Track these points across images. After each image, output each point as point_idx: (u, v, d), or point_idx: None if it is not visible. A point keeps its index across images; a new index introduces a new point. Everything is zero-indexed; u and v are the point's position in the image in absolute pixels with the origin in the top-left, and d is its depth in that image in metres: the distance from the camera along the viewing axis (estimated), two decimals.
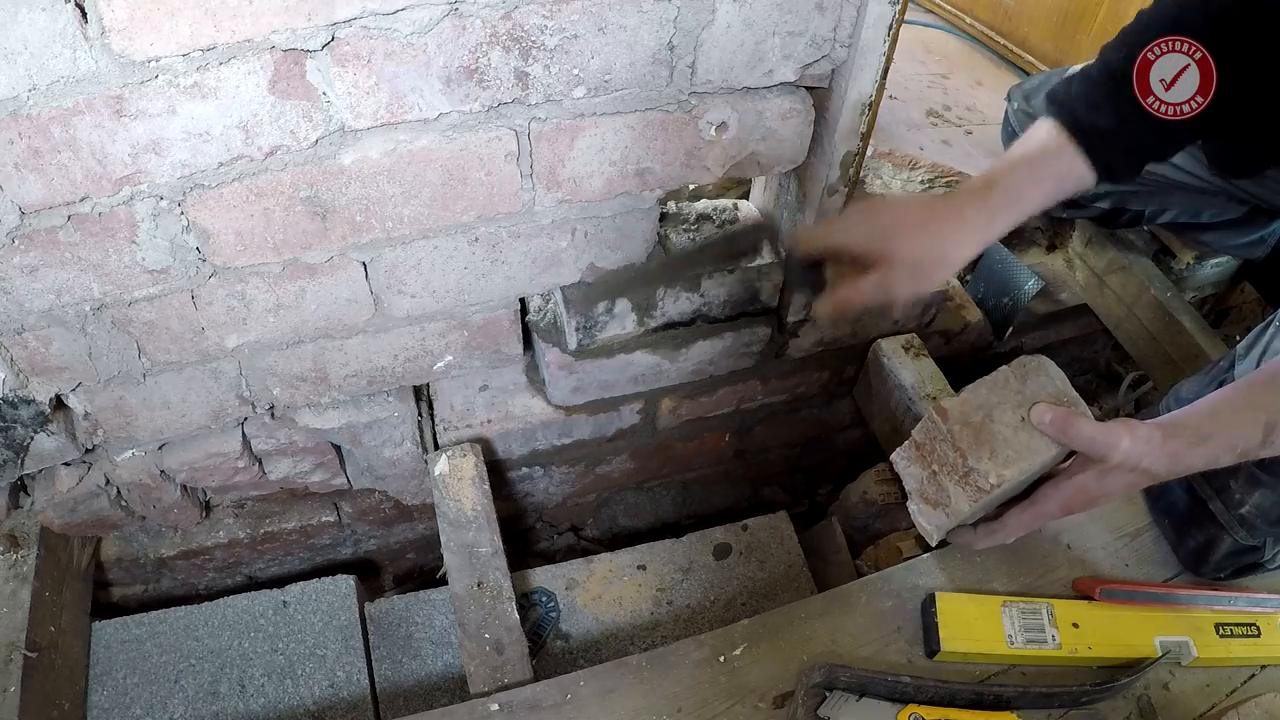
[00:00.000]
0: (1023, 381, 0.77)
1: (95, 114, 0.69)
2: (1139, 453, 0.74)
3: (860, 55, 0.86)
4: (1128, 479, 0.77)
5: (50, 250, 0.78)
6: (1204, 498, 0.99)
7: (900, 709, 0.88)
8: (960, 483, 0.76)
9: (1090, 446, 0.75)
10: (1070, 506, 0.80)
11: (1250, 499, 0.95)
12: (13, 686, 0.98)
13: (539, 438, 1.26)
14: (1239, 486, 0.96)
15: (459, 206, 0.89)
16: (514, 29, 0.75)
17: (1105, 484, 0.77)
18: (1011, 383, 0.77)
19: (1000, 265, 1.44)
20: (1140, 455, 0.74)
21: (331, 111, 0.76)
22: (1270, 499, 0.94)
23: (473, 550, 1.08)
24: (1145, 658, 0.94)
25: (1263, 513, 0.95)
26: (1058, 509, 0.80)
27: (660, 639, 1.21)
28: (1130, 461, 0.74)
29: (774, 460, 1.57)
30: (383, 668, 1.19)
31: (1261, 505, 0.95)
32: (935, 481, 0.79)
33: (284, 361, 1.01)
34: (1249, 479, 0.95)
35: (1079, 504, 0.79)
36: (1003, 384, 0.77)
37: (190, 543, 1.25)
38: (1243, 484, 0.96)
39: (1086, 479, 0.78)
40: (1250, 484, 0.95)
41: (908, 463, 0.82)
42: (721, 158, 0.95)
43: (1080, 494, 0.78)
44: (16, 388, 0.91)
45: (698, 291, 1.10)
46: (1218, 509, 0.98)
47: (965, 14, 1.82)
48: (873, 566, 1.26)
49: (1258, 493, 0.95)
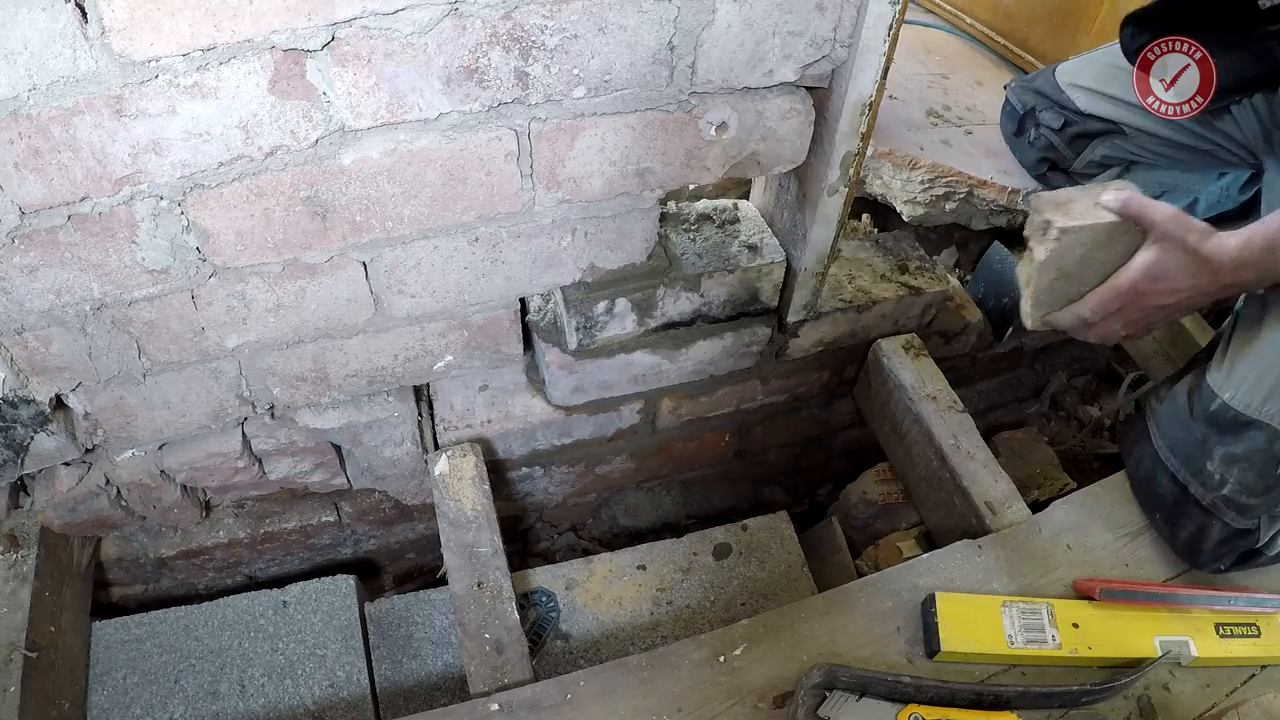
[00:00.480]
0: (1104, 189, 0.89)
1: (95, 114, 0.69)
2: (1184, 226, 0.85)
3: (860, 55, 0.86)
4: (1181, 259, 0.86)
5: (50, 250, 0.78)
6: (1185, 484, 1.00)
7: (900, 709, 0.88)
8: (1040, 240, 0.89)
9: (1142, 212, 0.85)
10: (1137, 285, 0.89)
11: (1231, 477, 0.97)
12: (13, 686, 0.98)
13: (539, 438, 1.26)
14: (1216, 467, 0.97)
15: (459, 206, 0.89)
16: (514, 29, 0.75)
17: (1162, 262, 0.87)
18: (1095, 189, 0.90)
19: (1000, 265, 1.44)
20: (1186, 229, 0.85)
21: (331, 111, 0.76)
22: (1250, 473, 0.95)
23: (473, 550, 1.08)
24: (1145, 658, 0.94)
25: (1246, 487, 0.96)
26: (1127, 284, 0.89)
27: (660, 639, 1.21)
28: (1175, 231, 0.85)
29: (774, 460, 1.57)
30: (383, 668, 1.19)
31: (1244, 480, 0.96)
32: (1030, 256, 0.92)
33: (284, 361, 1.01)
34: (1225, 458, 0.97)
35: (1144, 283, 0.89)
36: (1089, 189, 0.91)
37: (190, 543, 1.25)
38: (1219, 464, 0.97)
39: (1147, 256, 0.88)
40: (1227, 463, 0.97)
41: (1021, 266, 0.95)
42: (722, 158, 0.95)
43: (1145, 271, 0.88)
44: (16, 388, 0.91)
45: (698, 291, 1.10)
46: (1199, 493, 0.99)
47: (965, 14, 1.82)
48: (873, 566, 1.26)
49: (1236, 468, 0.96)
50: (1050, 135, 1.35)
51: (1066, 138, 1.33)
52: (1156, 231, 0.86)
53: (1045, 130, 1.35)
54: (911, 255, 1.30)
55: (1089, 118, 1.30)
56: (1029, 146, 1.40)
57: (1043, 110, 1.35)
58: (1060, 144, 1.34)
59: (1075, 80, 1.30)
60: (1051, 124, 1.34)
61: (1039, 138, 1.37)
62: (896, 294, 1.24)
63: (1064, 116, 1.32)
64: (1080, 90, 1.30)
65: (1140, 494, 1.10)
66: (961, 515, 1.15)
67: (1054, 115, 1.33)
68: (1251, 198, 1.30)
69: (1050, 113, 1.34)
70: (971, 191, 1.40)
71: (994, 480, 1.13)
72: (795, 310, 1.17)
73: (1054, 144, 1.35)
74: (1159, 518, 1.06)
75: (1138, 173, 1.31)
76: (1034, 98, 1.37)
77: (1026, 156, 1.41)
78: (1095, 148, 1.31)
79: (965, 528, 1.13)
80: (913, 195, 1.41)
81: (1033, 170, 1.41)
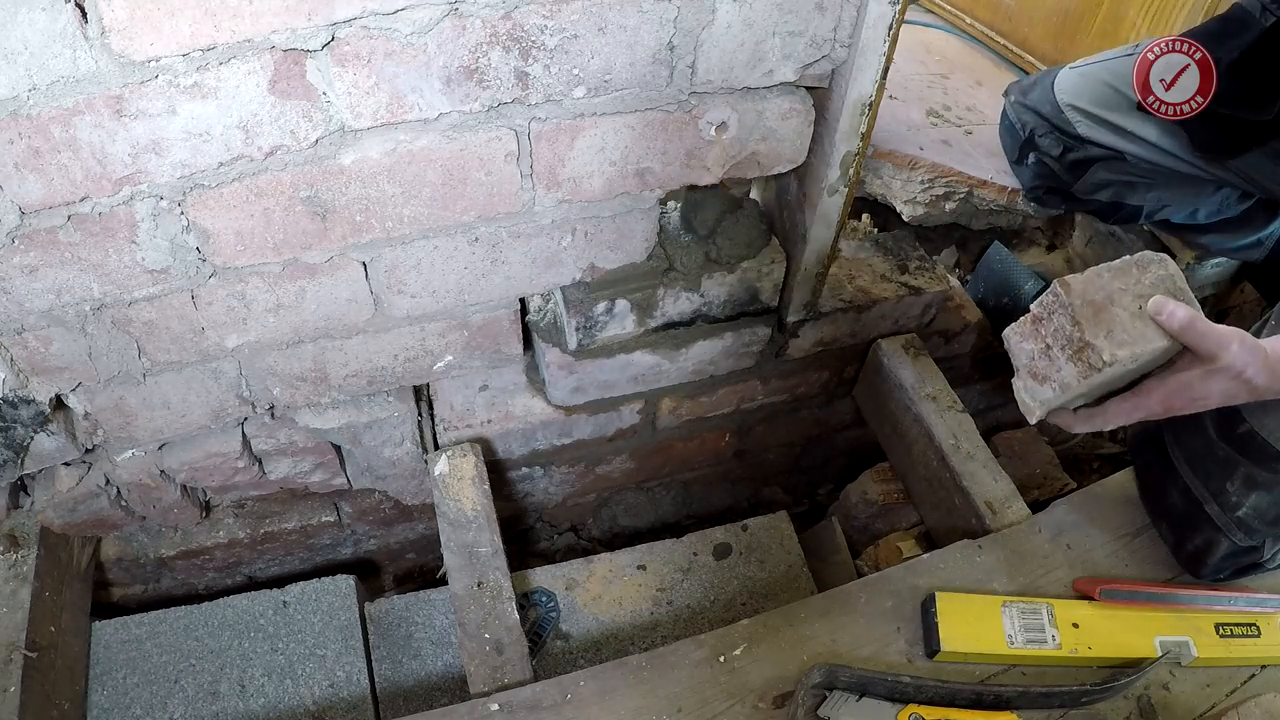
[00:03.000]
0: (1144, 272, 0.77)
1: (95, 114, 0.69)
2: (1245, 360, 0.76)
3: (860, 55, 0.86)
4: (1229, 385, 0.78)
5: (50, 250, 0.78)
6: (1200, 500, 0.99)
7: (900, 709, 0.88)
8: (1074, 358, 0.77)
9: (1201, 342, 0.75)
10: (1170, 404, 0.80)
11: (1247, 501, 0.95)
12: (13, 686, 0.98)
13: (539, 438, 1.26)
14: (1235, 489, 0.96)
15: (459, 206, 0.89)
16: (514, 29, 0.75)
17: (1208, 385, 0.78)
18: (1133, 272, 0.77)
19: (1000, 265, 1.44)
20: (1246, 363, 0.76)
21: (331, 111, 0.76)
22: (1267, 500, 0.95)
23: (473, 550, 1.08)
24: (1145, 658, 0.94)
25: (1260, 514, 0.95)
26: (1159, 403, 0.81)
27: (660, 639, 1.21)
28: (1236, 366, 0.76)
29: (774, 460, 1.57)
30: (383, 668, 1.19)
31: (1259, 506, 0.95)
32: (1047, 356, 0.80)
33: (284, 361, 1.01)
34: (1245, 481, 0.95)
35: (1179, 402, 0.80)
36: (1124, 272, 0.78)
37: (190, 543, 1.25)
38: (1239, 487, 0.95)
39: (1191, 377, 0.78)
40: (1247, 486, 0.95)
41: (1020, 338, 0.83)
42: (721, 158, 0.95)
43: (1182, 391, 0.79)
44: (16, 388, 0.91)
45: (698, 291, 1.10)
46: (1214, 512, 0.98)
47: (965, 14, 1.82)
48: (873, 566, 1.26)
49: (1254, 494, 0.95)
50: (1050, 162, 1.31)
51: (1066, 164, 1.30)
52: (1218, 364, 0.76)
53: (1045, 157, 1.32)
54: (911, 255, 1.30)
55: (1089, 144, 1.26)
56: (1026, 168, 1.37)
57: (1042, 135, 1.31)
58: (1060, 170, 1.31)
59: (1075, 101, 1.26)
60: (1051, 150, 1.30)
61: (1038, 162, 1.34)
62: (896, 294, 1.24)
63: (1063, 143, 1.28)
64: (1080, 114, 1.25)
65: (1147, 499, 1.09)
66: (961, 515, 1.15)
67: (1053, 141, 1.30)
68: (1251, 206, 1.29)
69: (1049, 139, 1.30)
70: (971, 191, 1.40)
71: (994, 480, 1.13)
72: (795, 310, 1.17)
73: (1053, 170, 1.32)
74: (1165, 526, 1.06)
75: (1138, 190, 1.29)
76: (1033, 118, 1.33)
77: (1024, 178, 1.39)
78: (1096, 171, 1.27)
79: (965, 528, 1.13)
80: (913, 195, 1.41)
81: (1030, 193, 1.39)
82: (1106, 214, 1.36)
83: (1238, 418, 0.95)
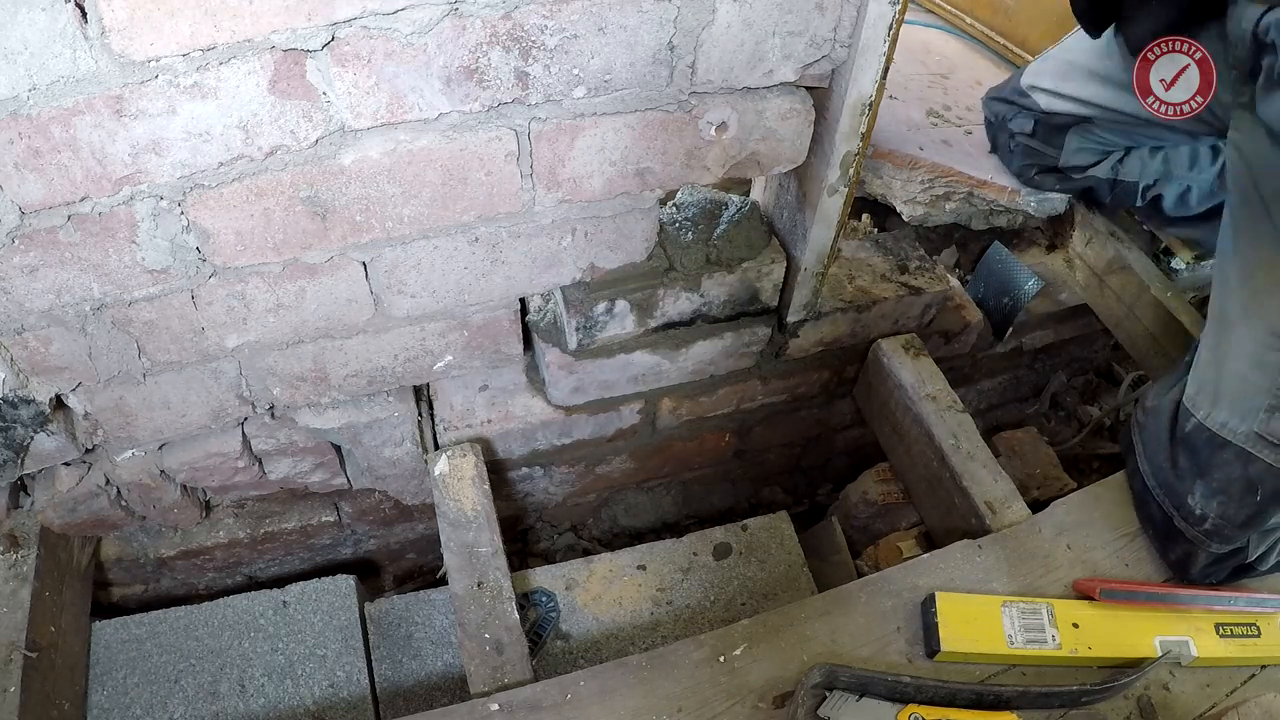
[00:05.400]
0: None
1: (95, 114, 0.69)
2: None
3: (860, 55, 0.86)
4: None
5: (50, 250, 0.78)
6: (1169, 514, 1.00)
7: (900, 709, 0.88)
8: None
9: None
10: None
11: (1212, 511, 0.97)
12: (13, 686, 0.98)
13: (539, 438, 1.26)
14: (1197, 502, 0.98)
15: (459, 206, 0.89)
16: (514, 29, 0.75)
17: None
18: None
19: (1000, 265, 1.44)
20: None
21: (331, 111, 0.76)
22: (1233, 504, 0.95)
23: (473, 550, 1.08)
24: (1145, 658, 0.94)
25: (1229, 519, 0.96)
26: None
27: (660, 639, 1.21)
28: None
29: (774, 460, 1.57)
30: (383, 668, 1.19)
31: (1225, 514, 0.96)
32: None
33: (284, 361, 1.01)
34: (1204, 493, 0.97)
35: None
36: None
37: (190, 543, 1.25)
38: (1200, 499, 0.97)
39: None
40: (1207, 496, 0.97)
41: None
42: (721, 158, 0.95)
43: None
44: (16, 388, 0.91)
45: (698, 291, 1.10)
46: (1182, 526, 0.99)
47: (965, 14, 1.82)
48: (873, 566, 1.26)
49: (1216, 502, 0.96)
50: (1025, 140, 1.36)
51: (1040, 138, 1.34)
52: None
53: (1020, 137, 1.36)
54: (911, 255, 1.30)
55: (1053, 114, 1.30)
56: (1011, 155, 1.40)
57: (1011, 118, 1.36)
58: (1038, 145, 1.35)
59: (1036, 83, 1.31)
60: (1023, 128, 1.35)
61: (1017, 145, 1.37)
62: (896, 294, 1.24)
63: (1032, 118, 1.33)
64: (1041, 93, 1.30)
65: (1136, 506, 1.10)
66: (961, 515, 1.15)
67: (1023, 119, 1.34)
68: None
69: (1019, 119, 1.35)
70: (971, 191, 1.40)
71: (994, 480, 1.13)
72: (795, 310, 1.17)
73: (1032, 147, 1.35)
74: (1151, 534, 1.07)
75: (1129, 163, 1.30)
76: (1002, 106, 1.38)
77: (1012, 165, 1.42)
78: (1071, 138, 1.31)
79: (965, 528, 1.13)
80: (913, 195, 1.41)
81: (1022, 177, 1.40)
82: (1103, 195, 1.36)
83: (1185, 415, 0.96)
